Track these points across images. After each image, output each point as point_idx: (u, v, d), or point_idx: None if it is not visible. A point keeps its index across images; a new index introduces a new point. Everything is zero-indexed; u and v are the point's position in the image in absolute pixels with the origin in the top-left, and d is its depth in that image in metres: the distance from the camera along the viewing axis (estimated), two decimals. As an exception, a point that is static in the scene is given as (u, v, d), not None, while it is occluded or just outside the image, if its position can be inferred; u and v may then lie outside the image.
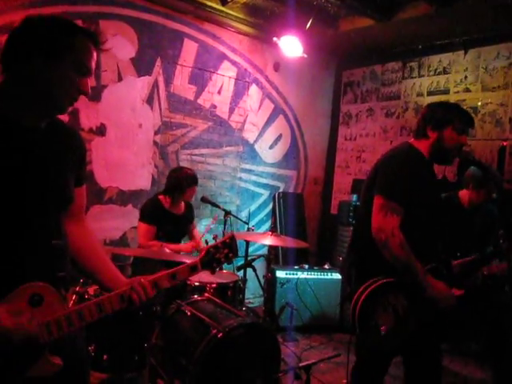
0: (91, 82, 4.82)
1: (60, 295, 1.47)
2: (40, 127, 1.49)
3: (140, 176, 4.98)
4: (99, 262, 1.72)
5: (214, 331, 2.75)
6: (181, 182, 4.01)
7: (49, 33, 1.42)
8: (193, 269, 1.74)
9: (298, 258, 5.49)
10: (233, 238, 1.83)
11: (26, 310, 1.37)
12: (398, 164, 2.32)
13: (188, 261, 3.73)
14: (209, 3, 4.99)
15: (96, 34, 1.52)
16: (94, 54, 1.52)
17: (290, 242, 3.65)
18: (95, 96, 4.60)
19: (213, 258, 1.77)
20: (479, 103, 5.05)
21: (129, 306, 1.55)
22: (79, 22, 4.66)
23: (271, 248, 4.89)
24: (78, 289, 3.19)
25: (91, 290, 3.19)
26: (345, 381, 3.80)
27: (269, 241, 3.51)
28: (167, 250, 2.97)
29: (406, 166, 2.31)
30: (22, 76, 1.42)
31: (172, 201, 4.01)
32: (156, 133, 5.08)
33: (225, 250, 1.80)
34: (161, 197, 4.02)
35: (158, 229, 3.84)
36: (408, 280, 2.20)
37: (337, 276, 5.16)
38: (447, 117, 2.39)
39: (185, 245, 4.11)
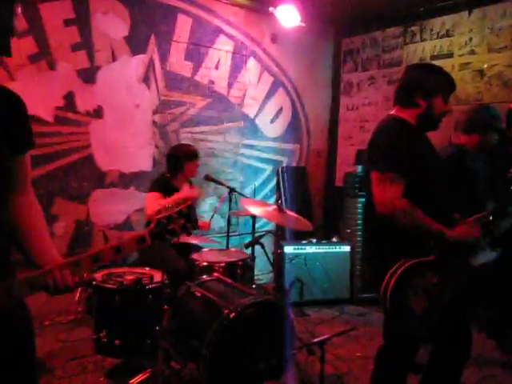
0: (84, 63, 4.66)
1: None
2: None
3: (140, 157, 4.89)
4: (34, 234, 1.63)
5: (226, 311, 2.70)
6: (178, 158, 3.96)
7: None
8: (140, 241, 1.61)
9: (305, 232, 5.42)
10: (190, 207, 1.72)
11: None
12: (387, 137, 2.25)
13: (194, 241, 3.67)
14: (201, -25, 4.84)
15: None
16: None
17: (293, 222, 3.49)
18: (89, 78, 4.48)
19: (166, 230, 1.64)
20: (485, 65, 4.89)
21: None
22: (68, 2, 4.47)
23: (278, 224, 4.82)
24: (84, 275, 3.14)
25: (98, 276, 3.15)
26: (359, 354, 3.79)
27: (274, 218, 3.40)
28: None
29: (396, 137, 2.22)
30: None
31: (175, 179, 3.98)
32: (154, 112, 4.96)
33: (181, 221, 1.66)
34: (167, 175, 4.00)
35: None
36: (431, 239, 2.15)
37: (345, 249, 5.12)
38: (438, 86, 2.32)
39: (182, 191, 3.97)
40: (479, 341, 3.86)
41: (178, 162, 3.98)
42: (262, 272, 5.59)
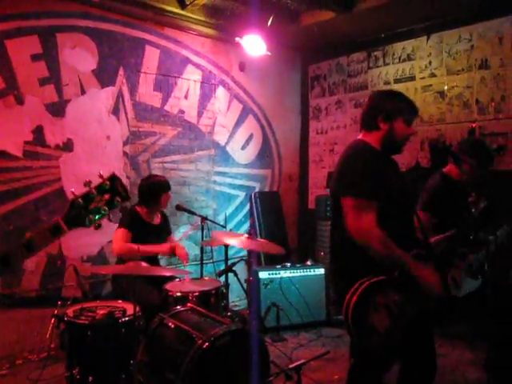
0: (53, 97, 4.65)
1: None
2: None
3: (112, 189, 4.87)
4: None
5: (200, 341, 2.70)
6: (153, 189, 3.96)
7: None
8: (55, 231, 1.41)
9: (279, 257, 5.44)
10: (113, 179, 1.50)
11: None
12: (358, 162, 2.31)
13: (168, 274, 3.67)
14: (168, 8, 4.91)
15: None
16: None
17: (265, 247, 3.55)
18: (59, 111, 4.49)
19: (86, 211, 1.46)
20: (445, 87, 5.08)
21: None
22: (35, 38, 4.52)
23: (251, 250, 4.83)
24: (56, 311, 3.10)
25: (70, 311, 3.11)
26: (337, 377, 3.80)
27: (245, 245, 3.42)
28: (144, 265, 2.90)
29: (366, 162, 2.29)
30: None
31: (148, 211, 3.98)
32: (125, 143, 4.98)
33: (105, 196, 1.47)
34: (137, 208, 3.98)
35: (137, 239, 3.76)
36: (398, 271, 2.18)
37: (320, 271, 5.16)
38: (398, 108, 2.40)
39: (161, 245, 4.02)
40: (457, 359, 3.94)
41: (153, 194, 3.96)
42: (240, 298, 5.59)
